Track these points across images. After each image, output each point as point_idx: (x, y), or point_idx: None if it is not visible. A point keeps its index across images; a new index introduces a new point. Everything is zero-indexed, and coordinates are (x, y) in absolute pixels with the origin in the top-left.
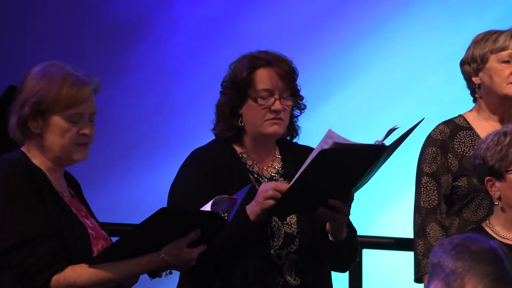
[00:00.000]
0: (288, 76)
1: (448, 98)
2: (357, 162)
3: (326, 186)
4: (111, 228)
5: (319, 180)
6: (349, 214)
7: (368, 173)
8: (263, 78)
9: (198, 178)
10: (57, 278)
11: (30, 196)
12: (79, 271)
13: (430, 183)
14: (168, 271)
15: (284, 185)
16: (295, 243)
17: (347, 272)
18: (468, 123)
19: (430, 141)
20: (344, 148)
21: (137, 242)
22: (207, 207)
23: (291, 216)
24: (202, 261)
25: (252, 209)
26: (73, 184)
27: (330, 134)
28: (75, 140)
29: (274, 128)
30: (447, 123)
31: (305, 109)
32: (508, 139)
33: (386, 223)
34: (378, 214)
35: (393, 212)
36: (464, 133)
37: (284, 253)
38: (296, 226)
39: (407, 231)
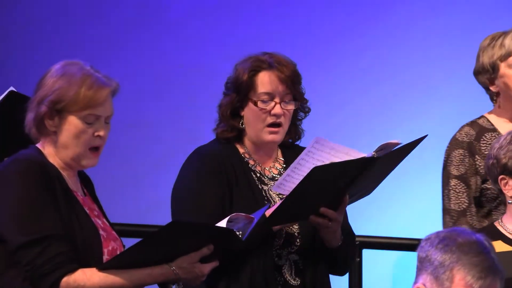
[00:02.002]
0: (289, 80)
1: (452, 99)
2: (348, 173)
3: (318, 196)
4: (122, 229)
5: (311, 192)
6: (341, 221)
7: (364, 184)
8: (264, 81)
9: (206, 179)
10: (66, 280)
11: (42, 195)
12: (89, 275)
13: (459, 186)
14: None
15: None
16: (296, 243)
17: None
18: (492, 124)
19: (456, 143)
20: (336, 164)
21: (149, 252)
22: (223, 223)
23: None
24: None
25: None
26: (86, 182)
27: (317, 140)
28: (89, 142)
29: (272, 137)
30: (471, 124)
31: (309, 112)
32: None
33: (386, 223)
34: (378, 214)
35: (393, 212)
36: (490, 135)
37: (284, 253)
38: (297, 227)
39: (407, 231)
